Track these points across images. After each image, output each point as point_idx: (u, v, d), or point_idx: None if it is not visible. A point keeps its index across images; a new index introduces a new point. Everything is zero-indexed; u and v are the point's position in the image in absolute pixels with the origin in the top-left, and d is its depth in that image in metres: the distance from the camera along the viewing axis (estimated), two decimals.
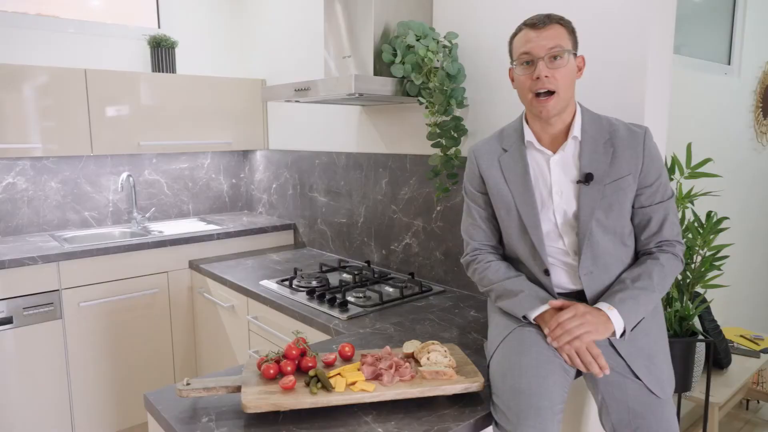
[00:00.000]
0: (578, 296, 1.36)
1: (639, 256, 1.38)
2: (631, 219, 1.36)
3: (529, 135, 1.38)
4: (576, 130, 1.34)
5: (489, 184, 1.43)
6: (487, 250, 1.50)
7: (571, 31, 1.31)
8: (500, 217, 1.44)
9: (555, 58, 1.27)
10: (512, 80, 1.37)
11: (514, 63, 1.34)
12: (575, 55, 1.31)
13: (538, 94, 1.29)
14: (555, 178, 1.35)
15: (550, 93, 1.28)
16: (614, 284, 1.33)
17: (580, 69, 1.34)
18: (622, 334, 1.25)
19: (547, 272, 1.37)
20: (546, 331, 1.25)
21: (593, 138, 1.33)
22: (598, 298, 1.32)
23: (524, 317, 1.32)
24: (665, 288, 1.31)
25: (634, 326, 1.27)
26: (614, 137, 1.33)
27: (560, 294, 1.38)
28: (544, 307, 1.29)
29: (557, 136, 1.36)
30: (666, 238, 1.34)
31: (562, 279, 1.39)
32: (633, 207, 1.35)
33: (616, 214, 1.32)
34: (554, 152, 1.35)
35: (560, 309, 1.28)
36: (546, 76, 1.26)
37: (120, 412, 2.60)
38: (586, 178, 1.31)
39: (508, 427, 1.14)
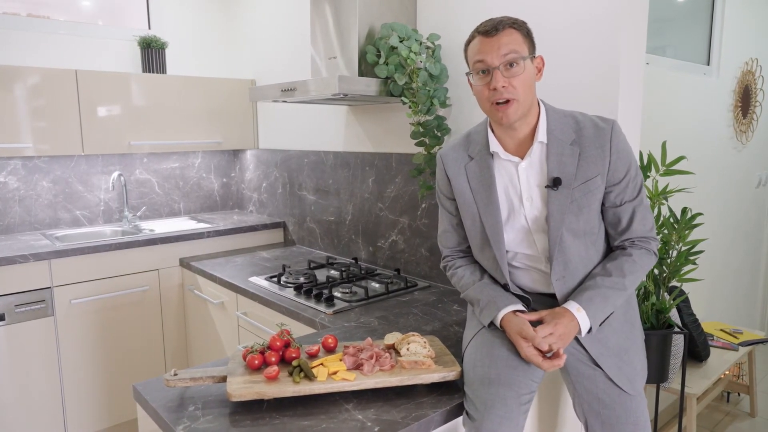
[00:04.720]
0: (549, 298, 1.37)
1: (612, 250, 1.37)
2: (603, 217, 1.35)
3: (494, 145, 1.34)
4: (541, 134, 1.30)
5: (456, 191, 1.41)
6: (457, 255, 1.50)
7: (526, 34, 1.26)
8: (466, 226, 1.42)
9: (511, 65, 1.22)
10: (471, 86, 1.32)
11: (470, 72, 1.29)
12: (533, 57, 1.27)
13: (497, 102, 1.25)
14: (524, 184, 1.32)
15: (509, 100, 1.24)
16: (586, 278, 1.32)
17: (539, 70, 1.31)
18: (589, 331, 1.26)
19: (506, 287, 1.37)
20: (523, 345, 1.23)
21: (559, 140, 1.29)
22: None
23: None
24: (636, 282, 1.30)
25: (602, 322, 1.28)
26: (580, 136, 1.29)
27: (531, 295, 1.39)
28: (500, 315, 1.30)
29: (523, 141, 1.32)
30: (638, 235, 1.32)
31: (535, 284, 1.39)
32: (603, 205, 1.32)
33: (586, 216, 1.29)
34: (522, 158, 1.32)
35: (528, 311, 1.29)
36: (503, 86, 1.22)
37: (111, 407, 2.64)
38: (554, 183, 1.27)
39: (476, 416, 1.18)
